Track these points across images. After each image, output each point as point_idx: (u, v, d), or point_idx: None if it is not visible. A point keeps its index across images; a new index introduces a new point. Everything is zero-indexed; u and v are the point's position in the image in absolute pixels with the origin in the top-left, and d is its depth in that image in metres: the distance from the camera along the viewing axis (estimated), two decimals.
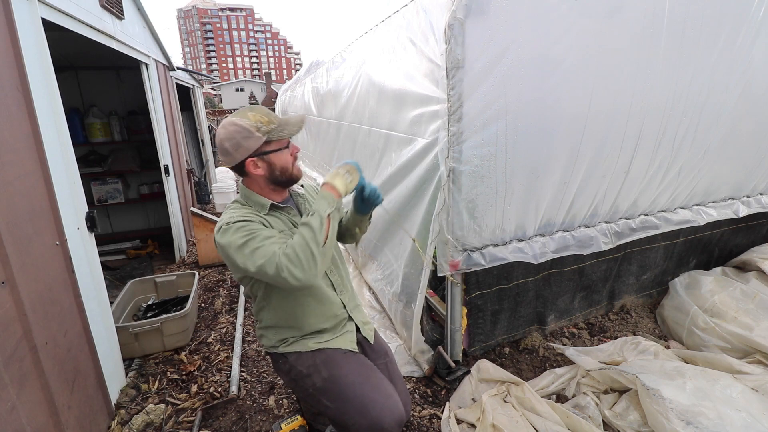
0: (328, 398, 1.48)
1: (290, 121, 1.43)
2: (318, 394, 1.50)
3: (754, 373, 1.92)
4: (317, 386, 1.49)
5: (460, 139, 1.76)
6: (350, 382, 1.48)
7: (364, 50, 3.17)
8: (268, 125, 1.37)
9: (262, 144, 1.37)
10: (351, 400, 1.45)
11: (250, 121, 1.35)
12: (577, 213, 2.19)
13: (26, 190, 1.51)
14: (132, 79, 4.23)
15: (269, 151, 1.39)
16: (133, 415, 2.03)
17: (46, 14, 1.85)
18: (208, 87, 38.21)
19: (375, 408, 1.43)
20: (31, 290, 1.45)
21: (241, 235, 1.31)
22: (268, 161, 1.41)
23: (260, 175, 1.43)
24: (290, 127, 1.41)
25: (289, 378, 1.57)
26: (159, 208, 4.58)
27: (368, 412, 1.42)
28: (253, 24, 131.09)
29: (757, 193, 2.79)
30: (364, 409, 1.43)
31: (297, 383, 1.55)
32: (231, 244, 1.31)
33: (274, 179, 1.45)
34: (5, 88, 1.45)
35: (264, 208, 1.44)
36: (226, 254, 1.34)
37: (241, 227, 1.32)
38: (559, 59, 1.78)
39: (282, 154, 1.43)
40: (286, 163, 1.44)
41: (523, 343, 2.47)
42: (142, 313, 2.81)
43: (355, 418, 1.43)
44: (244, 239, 1.30)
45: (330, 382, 1.48)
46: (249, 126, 1.35)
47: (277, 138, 1.39)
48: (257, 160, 1.40)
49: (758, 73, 2.27)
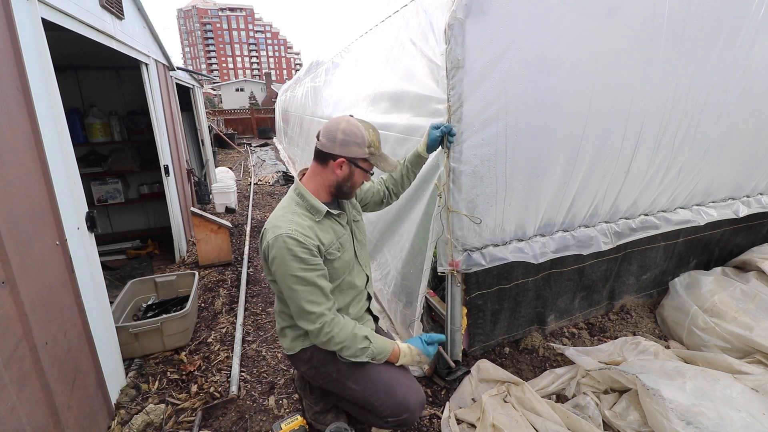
0: (354, 381, 1.57)
1: (388, 160, 1.58)
2: (343, 377, 1.59)
3: (754, 373, 1.92)
4: (342, 370, 1.59)
5: (460, 139, 1.76)
6: (376, 365, 1.58)
7: (364, 50, 3.17)
8: (376, 150, 1.52)
9: (361, 158, 1.50)
10: (378, 381, 1.55)
11: (369, 137, 1.49)
12: (577, 213, 2.19)
13: (26, 190, 1.51)
14: (132, 79, 4.23)
15: (360, 166, 1.52)
16: (133, 415, 2.03)
17: (46, 14, 1.84)
18: (208, 87, 38.21)
19: (401, 389, 1.54)
20: (31, 290, 1.45)
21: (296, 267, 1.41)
22: (351, 171, 1.53)
23: (335, 176, 1.53)
24: (385, 163, 1.57)
25: (309, 365, 1.65)
26: (159, 208, 4.58)
27: (395, 392, 1.53)
28: (253, 24, 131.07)
29: (757, 193, 2.79)
30: (390, 390, 1.54)
31: (318, 369, 1.63)
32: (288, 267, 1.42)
33: (338, 187, 1.57)
34: (5, 88, 1.45)
35: (320, 214, 1.53)
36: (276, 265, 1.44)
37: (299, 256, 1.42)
38: (559, 59, 1.78)
39: (364, 174, 1.56)
40: (358, 182, 1.58)
41: (523, 343, 2.47)
42: (142, 313, 2.81)
43: (382, 399, 1.53)
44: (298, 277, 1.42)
45: (356, 365, 1.57)
46: (366, 139, 1.49)
47: (372, 163, 1.55)
48: (346, 165, 1.51)
49: (758, 73, 2.27)
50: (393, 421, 1.53)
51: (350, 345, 1.48)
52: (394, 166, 1.59)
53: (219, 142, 13.83)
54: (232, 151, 14.35)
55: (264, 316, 3.02)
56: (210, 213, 4.71)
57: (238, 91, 45.52)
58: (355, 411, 1.70)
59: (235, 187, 6.52)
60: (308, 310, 1.43)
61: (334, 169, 1.51)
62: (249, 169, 10.23)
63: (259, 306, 3.17)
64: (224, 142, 14.27)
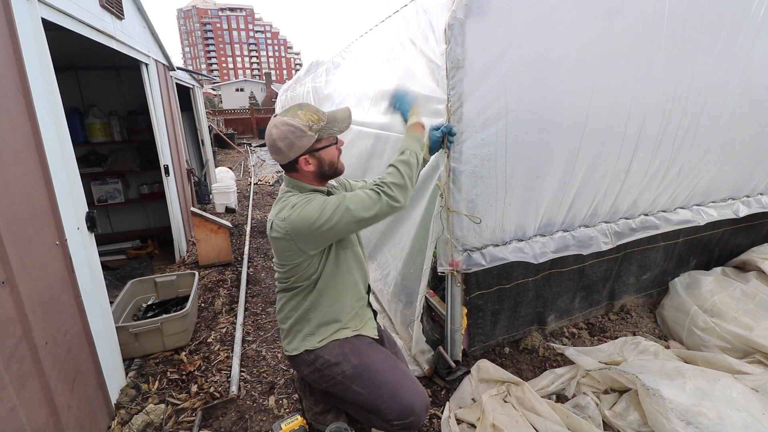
0: (360, 384, 1.56)
1: (338, 117, 1.49)
2: (348, 381, 1.57)
3: (754, 373, 1.91)
4: (347, 374, 1.57)
5: (460, 139, 1.76)
6: (381, 369, 1.58)
7: (364, 50, 3.17)
8: (318, 123, 1.43)
9: (314, 142, 1.43)
10: (383, 385, 1.54)
11: (302, 121, 1.41)
12: (577, 213, 2.19)
13: (26, 190, 1.51)
14: (132, 79, 4.23)
15: (320, 147, 1.46)
16: (133, 415, 2.03)
17: (46, 14, 1.84)
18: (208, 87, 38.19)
19: (407, 393, 1.53)
20: (31, 290, 1.45)
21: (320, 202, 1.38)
22: (318, 158, 1.47)
23: (310, 171, 1.49)
24: (339, 123, 1.48)
25: (312, 368, 1.63)
26: (159, 208, 4.58)
27: (401, 397, 1.52)
28: (253, 24, 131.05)
29: (757, 193, 2.79)
30: (396, 394, 1.53)
31: (322, 372, 1.61)
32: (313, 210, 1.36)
33: (322, 173, 1.52)
34: (5, 88, 1.45)
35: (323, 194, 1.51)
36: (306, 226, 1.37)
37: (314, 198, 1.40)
38: (558, 59, 1.78)
39: (330, 149, 1.49)
40: (333, 158, 1.52)
41: (523, 343, 2.47)
42: (142, 313, 2.81)
43: (387, 402, 1.52)
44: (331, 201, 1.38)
45: (361, 369, 1.57)
46: (302, 125, 1.40)
47: (327, 135, 1.46)
48: (309, 157, 1.46)
49: (758, 73, 2.27)
50: (398, 425, 1.53)
51: (404, 171, 1.44)
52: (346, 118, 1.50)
53: (219, 142, 13.83)
54: (232, 151, 14.35)
55: (264, 316, 3.02)
56: (210, 213, 4.70)
57: (238, 91, 45.52)
58: (358, 413, 1.70)
59: (235, 187, 6.52)
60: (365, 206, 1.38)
61: (304, 168, 1.48)
62: (249, 169, 10.24)
63: (259, 306, 3.17)
64: (224, 142, 14.27)
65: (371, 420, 1.63)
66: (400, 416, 1.51)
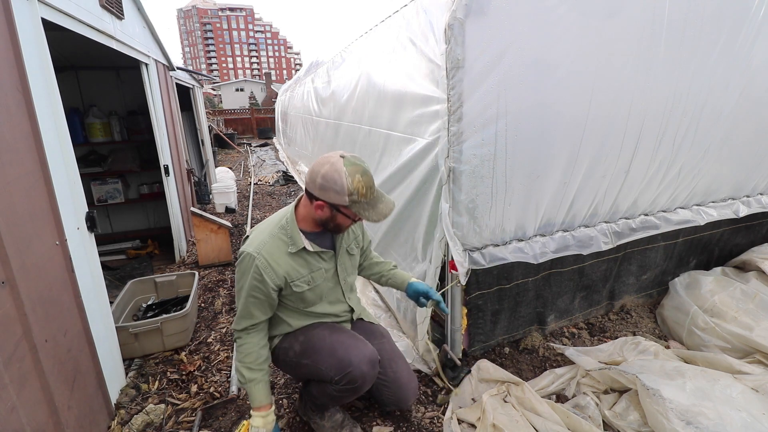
0: (306, 356, 1.62)
1: (378, 207, 1.47)
2: (298, 358, 1.64)
3: (754, 373, 1.92)
4: (297, 351, 1.64)
5: (460, 139, 1.76)
6: (321, 335, 1.65)
7: (364, 50, 3.17)
8: (360, 198, 1.42)
9: (342, 205, 1.45)
10: (322, 348, 1.60)
11: (350, 184, 1.40)
12: (577, 213, 2.19)
13: (26, 190, 1.51)
14: (132, 79, 4.23)
15: (342, 211, 1.47)
16: (133, 415, 2.03)
17: (46, 14, 1.84)
18: (208, 87, 38.20)
19: (342, 347, 1.58)
20: (31, 290, 1.45)
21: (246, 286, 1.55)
22: (333, 214, 1.49)
23: (318, 215, 1.52)
24: (373, 212, 1.46)
25: (279, 361, 1.73)
26: (159, 208, 4.58)
27: (336, 351, 1.57)
28: (253, 24, 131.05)
29: (757, 193, 2.79)
30: (332, 351, 1.57)
31: (285, 362, 1.71)
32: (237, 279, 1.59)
33: (324, 225, 1.56)
34: (5, 88, 1.45)
35: (296, 247, 1.57)
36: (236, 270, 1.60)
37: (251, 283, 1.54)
38: (559, 59, 1.78)
39: (347, 219, 1.51)
40: (343, 224, 1.54)
41: (523, 343, 2.47)
42: (142, 313, 2.81)
43: (326, 361, 1.57)
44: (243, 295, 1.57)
45: (305, 343, 1.64)
46: (346, 186, 1.40)
47: (354, 211, 1.46)
48: (326, 207, 1.48)
49: (758, 73, 2.27)
50: (340, 380, 1.53)
51: (239, 367, 1.61)
52: (383, 215, 1.47)
53: (219, 142, 13.83)
54: (232, 151, 14.35)
55: None
56: (210, 213, 4.70)
57: (238, 91, 45.49)
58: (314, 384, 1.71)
59: (235, 187, 6.52)
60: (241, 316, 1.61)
61: (317, 208, 1.49)
62: (249, 169, 10.23)
63: None
64: (224, 142, 14.27)
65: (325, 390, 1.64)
66: (338, 370, 1.53)
